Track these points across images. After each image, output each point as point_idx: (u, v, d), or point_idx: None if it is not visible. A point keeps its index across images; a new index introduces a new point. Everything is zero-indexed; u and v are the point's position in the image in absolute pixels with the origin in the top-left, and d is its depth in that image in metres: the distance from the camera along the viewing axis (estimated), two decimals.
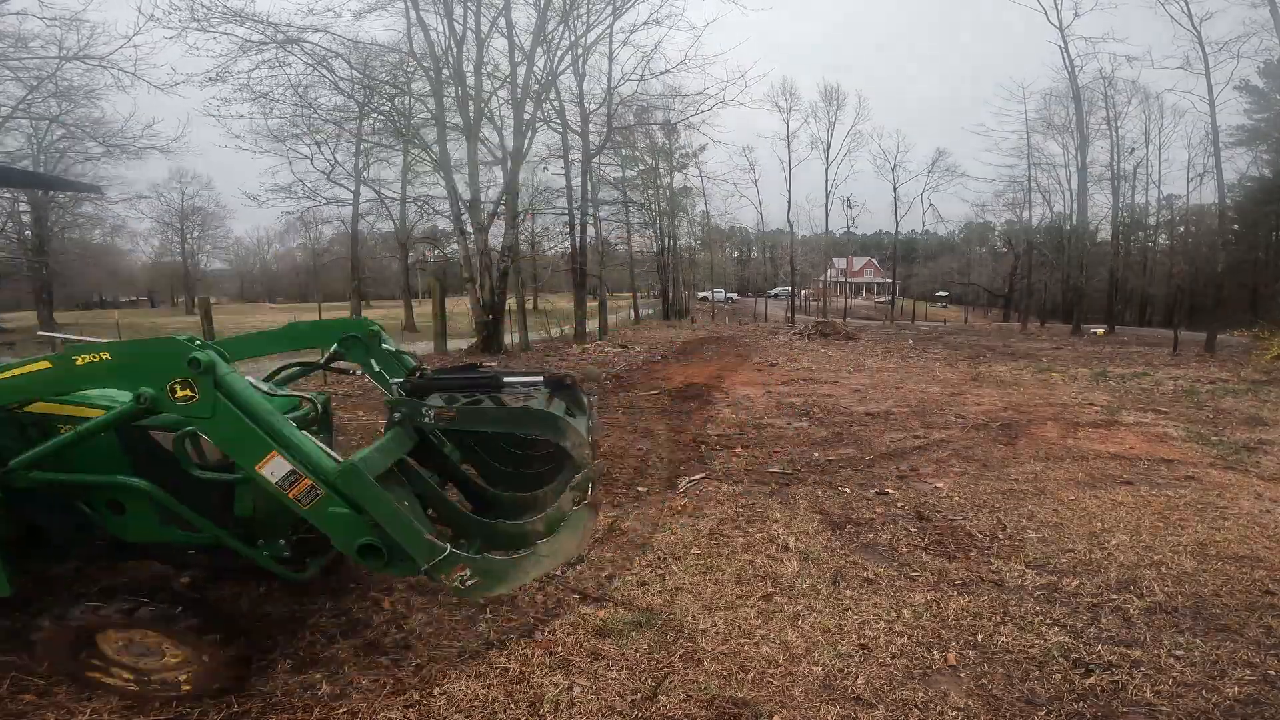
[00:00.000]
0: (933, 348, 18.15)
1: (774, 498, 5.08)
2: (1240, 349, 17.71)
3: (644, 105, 19.52)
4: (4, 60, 12.84)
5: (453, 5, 11.87)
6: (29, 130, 19.42)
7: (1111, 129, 30.06)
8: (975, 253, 55.84)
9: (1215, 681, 2.65)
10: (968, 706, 2.53)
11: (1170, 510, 4.70)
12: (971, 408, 8.62)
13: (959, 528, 4.40)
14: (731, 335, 22.31)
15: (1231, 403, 9.10)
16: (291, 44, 11.13)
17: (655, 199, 32.43)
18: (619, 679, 2.70)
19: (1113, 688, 2.62)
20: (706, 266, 51.46)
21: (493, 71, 13.25)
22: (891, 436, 7.07)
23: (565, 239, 21.40)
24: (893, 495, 5.11)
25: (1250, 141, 31.84)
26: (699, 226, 45.60)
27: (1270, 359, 14.41)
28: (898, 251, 54.26)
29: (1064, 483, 5.36)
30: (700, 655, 2.87)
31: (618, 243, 32.83)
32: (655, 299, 38.60)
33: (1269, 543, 4.08)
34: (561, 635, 3.04)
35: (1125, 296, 37.55)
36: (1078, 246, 29.32)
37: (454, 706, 2.51)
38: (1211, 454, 6.27)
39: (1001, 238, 46.74)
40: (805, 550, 4.02)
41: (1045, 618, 3.17)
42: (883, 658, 2.86)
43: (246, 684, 2.51)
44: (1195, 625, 3.10)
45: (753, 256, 75.21)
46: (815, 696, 2.60)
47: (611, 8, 13.79)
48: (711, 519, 4.60)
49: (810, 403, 8.74)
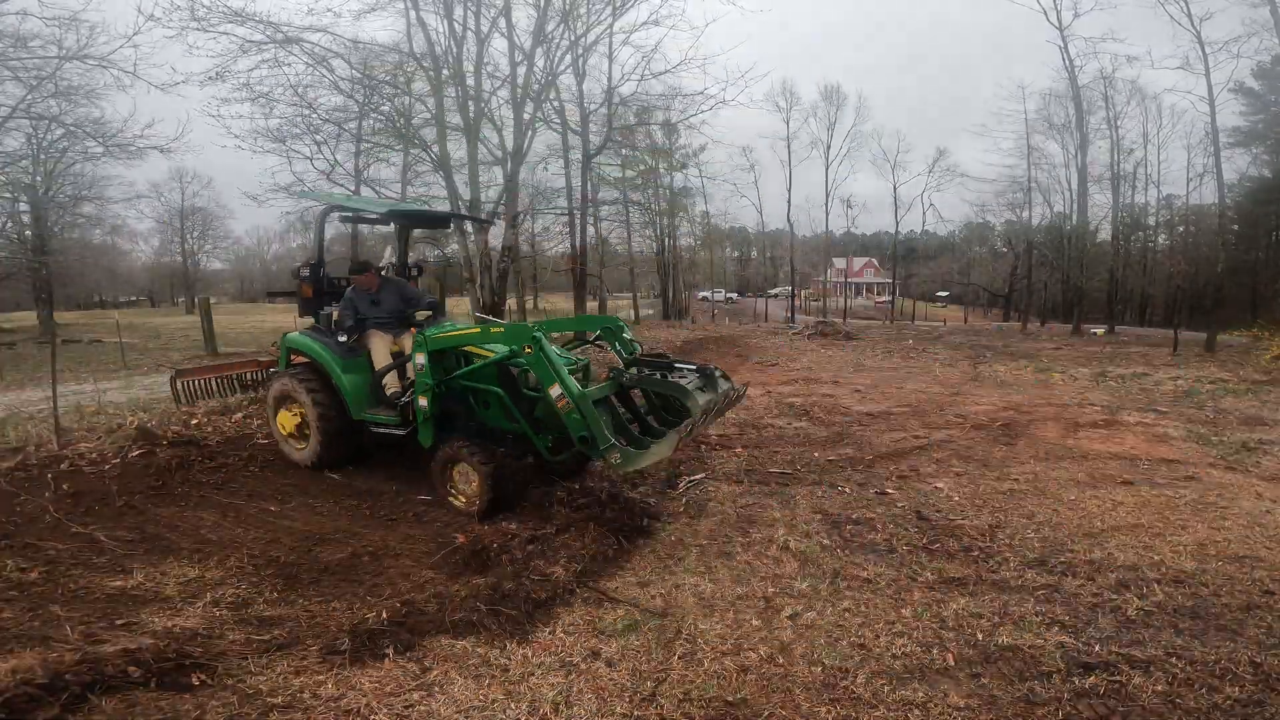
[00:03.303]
0: (933, 348, 18.15)
1: (774, 498, 5.07)
2: (1240, 349, 17.71)
3: (644, 105, 19.52)
4: (4, 60, 12.82)
5: (453, 5, 11.87)
6: (29, 130, 19.40)
7: (1111, 129, 30.03)
8: (975, 253, 55.82)
9: (1215, 681, 2.64)
10: (968, 706, 2.53)
11: (1170, 510, 4.70)
12: (971, 408, 8.62)
13: (959, 528, 4.40)
14: (731, 335, 22.30)
15: (1231, 403, 9.10)
16: (291, 44, 11.13)
17: (655, 199, 32.44)
18: (619, 679, 2.70)
19: (1113, 688, 2.62)
20: (706, 266, 51.44)
21: (493, 71, 13.26)
22: (891, 436, 7.07)
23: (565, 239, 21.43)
24: (893, 495, 5.11)
25: (1247, 143, 31.83)
26: (699, 226, 45.61)
27: (1270, 359, 14.41)
28: (898, 251, 54.24)
29: (1064, 483, 5.36)
30: (700, 655, 2.87)
31: (618, 243, 32.80)
32: (655, 299, 38.63)
33: (1269, 543, 4.08)
34: (561, 635, 3.05)
35: (1125, 296, 37.57)
36: (1078, 246, 29.29)
37: (454, 706, 2.51)
38: (1211, 454, 6.27)
39: (1001, 238, 46.71)
40: (805, 550, 4.02)
41: (1045, 618, 3.17)
42: (883, 658, 2.86)
43: (489, 519, 4.40)
44: (1195, 625, 3.10)
45: (753, 256, 75.21)
46: (815, 696, 2.60)
47: (611, 8, 13.79)
48: (712, 519, 4.60)
49: (810, 403, 8.73)
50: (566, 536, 4.01)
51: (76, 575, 3.60)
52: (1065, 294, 32.21)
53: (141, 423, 6.03)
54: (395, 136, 15.23)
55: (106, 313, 42.80)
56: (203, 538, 4.17)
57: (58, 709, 2.35)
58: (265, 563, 3.81)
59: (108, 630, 2.97)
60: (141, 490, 4.83)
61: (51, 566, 3.68)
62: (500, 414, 4.74)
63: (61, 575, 3.59)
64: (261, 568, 3.75)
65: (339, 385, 5.33)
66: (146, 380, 10.31)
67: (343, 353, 5.37)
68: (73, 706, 2.38)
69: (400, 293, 5.85)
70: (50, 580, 3.52)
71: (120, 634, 2.93)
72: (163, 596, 3.40)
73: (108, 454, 5.27)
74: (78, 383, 9.72)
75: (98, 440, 5.62)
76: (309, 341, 5.62)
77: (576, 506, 4.36)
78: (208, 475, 5.24)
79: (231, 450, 5.69)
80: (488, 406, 4.79)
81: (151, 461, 5.20)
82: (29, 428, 6.20)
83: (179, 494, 4.89)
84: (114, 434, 5.79)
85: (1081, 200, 28.86)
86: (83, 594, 3.39)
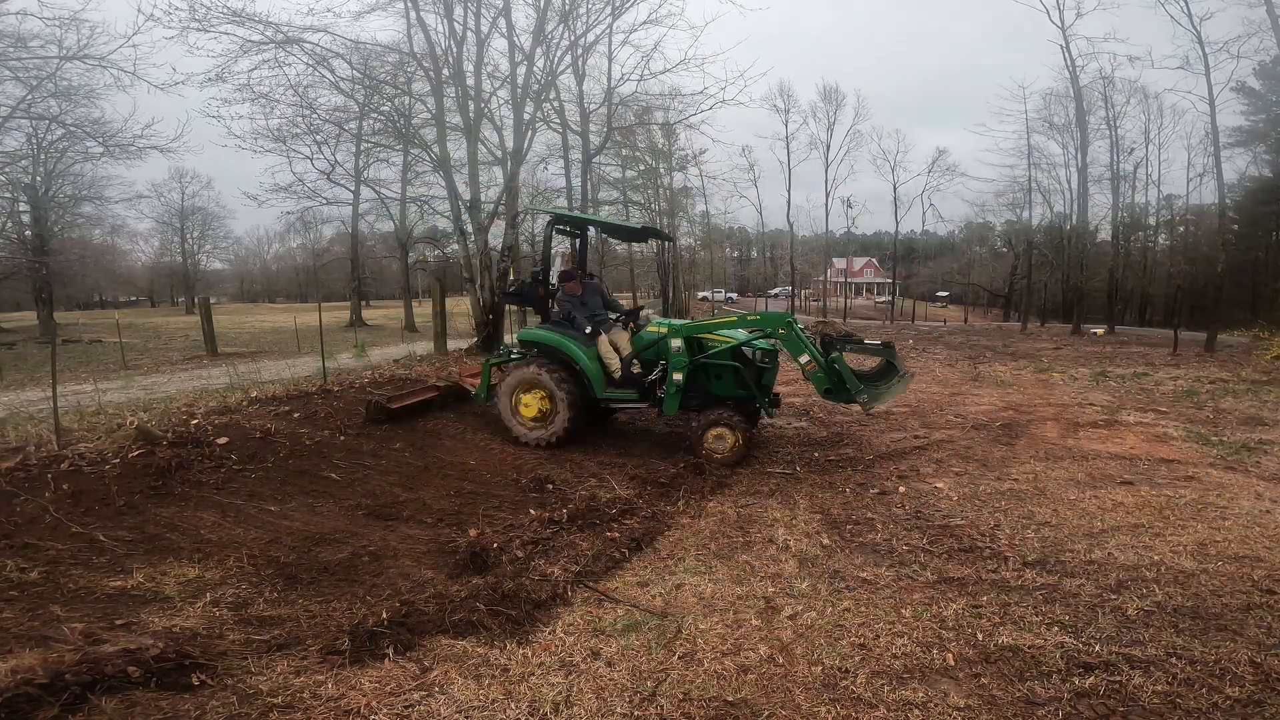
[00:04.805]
0: (933, 348, 18.14)
1: (774, 498, 5.08)
2: (1240, 349, 17.70)
3: (644, 105, 19.53)
4: (4, 60, 12.81)
5: (453, 5, 11.86)
6: (29, 130, 19.40)
7: (1111, 129, 30.00)
8: (975, 253, 55.74)
9: (1215, 681, 2.64)
10: (968, 706, 2.53)
11: (1170, 510, 4.70)
12: (971, 408, 8.62)
13: (959, 528, 4.40)
14: None
15: (1231, 403, 9.09)
16: (291, 44, 11.11)
17: (655, 199, 32.41)
18: (619, 679, 2.70)
19: (1113, 688, 2.61)
20: (706, 266, 51.40)
21: (493, 71, 13.24)
22: (891, 436, 7.07)
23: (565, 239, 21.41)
24: (893, 495, 5.11)
25: (1248, 142, 31.83)
26: (699, 226, 45.54)
27: (1270, 359, 14.40)
28: (898, 251, 54.23)
29: (1064, 483, 5.36)
30: (700, 655, 2.87)
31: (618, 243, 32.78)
32: (655, 299, 38.56)
33: (1269, 543, 4.08)
34: (561, 635, 3.05)
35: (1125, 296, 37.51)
36: (1078, 246, 29.28)
37: (454, 706, 2.51)
38: (1211, 454, 6.26)
39: (1001, 238, 46.66)
40: (805, 550, 4.02)
41: (1045, 618, 3.17)
42: (883, 658, 2.86)
43: (744, 460, 5.99)
44: (1195, 625, 3.10)
45: (753, 256, 75.18)
46: (815, 696, 2.60)
47: (611, 8, 13.77)
48: (712, 519, 4.60)
49: (810, 403, 8.73)
50: (571, 536, 4.01)
51: (76, 575, 3.60)
52: (1065, 294, 32.21)
53: (141, 423, 6.03)
54: (395, 136, 15.24)
55: (106, 313, 42.82)
56: (203, 538, 4.17)
57: (58, 709, 2.35)
58: (265, 563, 3.81)
59: (108, 630, 2.97)
60: (141, 490, 4.83)
61: (51, 566, 3.67)
62: (730, 384, 6.29)
63: (61, 575, 3.59)
64: (261, 568, 3.75)
65: (584, 370, 6.39)
66: (146, 380, 10.31)
67: (585, 343, 6.46)
68: (73, 706, 2.37)
69: (600, 295, 7.14)
70: (50, 580, 3.52)
71: (120, 634, 2.92)
72: (163, 596, 3.40)
73: (107, 454, 5.27)
74: (78, 383, 9.72)
75: (98, 440, 5.61)
76: (553, 335, 6.58)
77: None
78: (208, 475, 5.23)
79: (232, 450, 5.69)
80: (719, 379, 6.32)
81: (151, 461, 5.19)
82: (29, 428, 6.19)
83: (179, 494, 4.88)
84: (114, 434, 5.78)
85: (1081, 200, 28.87)
86: (83, 594, 3.38)
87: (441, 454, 6.01)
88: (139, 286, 63.29)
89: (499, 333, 12.76)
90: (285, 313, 34.04)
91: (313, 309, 31.02)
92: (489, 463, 5.98)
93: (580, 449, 6.47)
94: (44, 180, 24.29)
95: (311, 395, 6.82)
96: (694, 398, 6.31)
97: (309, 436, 5.75)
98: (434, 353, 12.29)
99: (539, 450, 6.35)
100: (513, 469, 5.85)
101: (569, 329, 6.61)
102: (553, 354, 6.54)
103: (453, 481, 5.44)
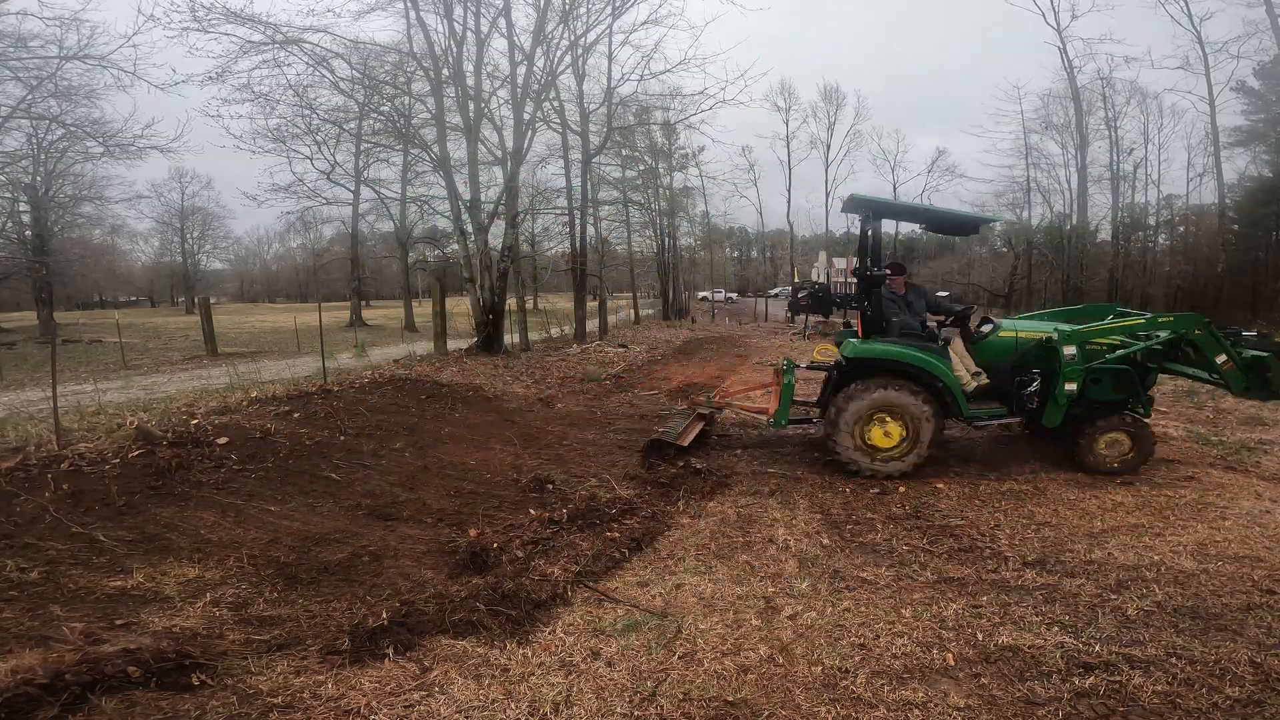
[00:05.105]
0: None
1: (774, 498, 5.08)
2: None
3: (644, 105, 19.52)
4: (4, 60, 12.82)
5: (453, 5, 11.86)
6: (29, 130, 19.40)
7: (1110, 129, 30.10)
8: (975, 253, 55.75)
9: (1215, 681, 2.64)
10: (968, 706, 2.53)
11: (1170, 510, 4.70)
12: None
13: (959, 528, 4.40)
14: (731, 335, 22.31)
15: (1231, 403, 9.08)
16: (291, 44, 11.10)
17: (655, 199, 32.38)
18: (619, 679, 2.70)
19: (1113, 688, 2.62)
20: (706, 266, 51.39)
21: (493, 71, 13.24)
22: None
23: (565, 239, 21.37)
24: (892, 495, 5.11)
25: (1249, 142, 31.78)
26: (699, 226, 45.53)
27: None
28: (898, 251, 54.25)
29: (1064, 483, 5.36)
30: (700, 655, 2.87)
31: (618, 243, 32.75)
32: (655, 299, 38.56)
33: (1269, 543, 4.08)
34: (561, 635, 3.05)
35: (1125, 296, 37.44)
36: (1077, 246, 29.34)
37: (454, 706, 2.51)
38: (1211, 454, 6.27)
39: (1001, 238, 46.65)
40: (805, 551, 4.02)
41: (1045, 618, 3.17)
42: (883, 658, 2.86)
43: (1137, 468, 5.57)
44: (1195, 625, 3.10)
45: (753, 256, 75.20)
46: (815, 696, 2.60)
47: (611, 8, 13.76)
48: (712, 519, 4.60)
49: None
50: (571, 536, 4.01)
51: (76, 575, 3.60)
52: (1065, 294, 32.20)
53: (141, 423, 6.03)
54: (395, 136, 15.23)
55: (106, 313, 42.81)
56: (203, 538, 4.17)
57: (58, 709, 2.35)
58: (265, 563, 3.81)
59: (108, 630, 2.97)
60: (141, 490, 4.82)
61: (51, 566, 3.67)
62: (1109, 387, 5.67)
63: (61, 575, 3.58)
64: (261, 568, 3.75)
65: (949, 387, 5.54)
66: (146, 380, 10.31)
67: (941, 355, 5.69)
68: (73, 706, 2.37)
69: (924, 296, 6.29)
70: (50, 580, 3.52)
71: (120, 634, 2.92)
72: (163, 596, 3.40)
73: (107, 454, 5.26)
74: (78, 383, 9.72)
75: (98, 440, 5.61)
76: (909, 350, 5.60)
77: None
78: (208, 475, 5.23)
79: (232, 450, 5.69)
80: (1098, 383, 5.64)
81: (151, 461, 5.19)
82: (29, 428, 6.19)
83: (179, 494, 4.88)
84: (114, 434, 5.78)
85: (1081, 200, 28.93)
86: (83, 594, 3.38)
87: (441, 454, 6.01)
88: (139, 286, 63.34)
89: (499, 333, 12.75)
90: (285, 313, 34.04)
91: (313, 309, 31.01)
92: (489, 463, 5.98)
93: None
94: (44, 180, 24.29)
95: (312, 395, 6.83)
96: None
97: (309, 436, 5.75)
98: (434, 353, 12.29)
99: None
100: (513, 469, 5.85)
101: (915, 340, 5.74)
102: (901, 370, 5.61)
103: (453, 481, 5.44)
